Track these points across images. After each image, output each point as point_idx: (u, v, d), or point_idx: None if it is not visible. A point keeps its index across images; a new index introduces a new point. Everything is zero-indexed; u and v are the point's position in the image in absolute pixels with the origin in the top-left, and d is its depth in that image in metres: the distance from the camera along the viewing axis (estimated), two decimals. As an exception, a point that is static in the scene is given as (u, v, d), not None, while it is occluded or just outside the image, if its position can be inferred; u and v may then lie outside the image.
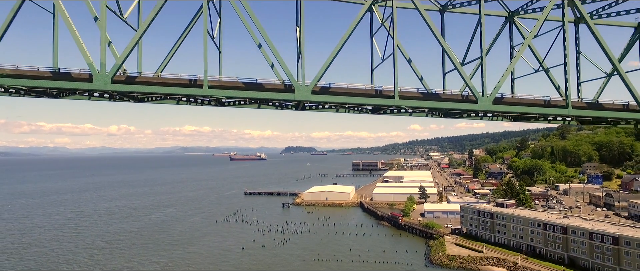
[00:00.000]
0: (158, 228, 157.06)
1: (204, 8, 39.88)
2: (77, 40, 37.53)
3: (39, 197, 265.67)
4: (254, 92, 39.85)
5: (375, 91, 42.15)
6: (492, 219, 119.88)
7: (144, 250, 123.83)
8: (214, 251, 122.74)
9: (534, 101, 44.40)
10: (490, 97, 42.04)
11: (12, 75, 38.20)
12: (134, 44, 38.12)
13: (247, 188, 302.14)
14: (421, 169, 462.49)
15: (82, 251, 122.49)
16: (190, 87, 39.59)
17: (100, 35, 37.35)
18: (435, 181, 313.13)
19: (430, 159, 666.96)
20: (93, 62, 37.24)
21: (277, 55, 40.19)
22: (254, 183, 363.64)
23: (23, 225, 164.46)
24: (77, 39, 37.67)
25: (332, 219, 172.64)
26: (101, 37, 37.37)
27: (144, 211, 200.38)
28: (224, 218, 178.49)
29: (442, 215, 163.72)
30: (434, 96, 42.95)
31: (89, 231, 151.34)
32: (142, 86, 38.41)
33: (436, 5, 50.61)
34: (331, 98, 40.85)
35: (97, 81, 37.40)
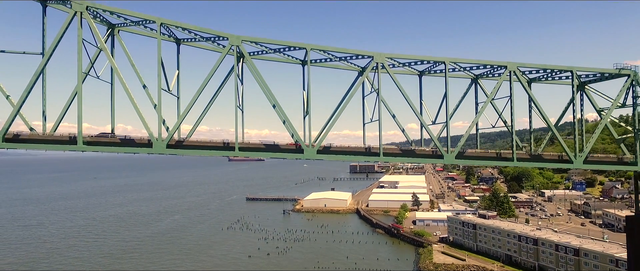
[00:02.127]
0: (168, 236, 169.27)
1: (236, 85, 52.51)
2: (141, 116, 50.03)
3: (48, 203, 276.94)
4: (272, 153, 52.56)
5: (365, 149, 54.95)
6: (475, 230, 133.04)
7: (160, 259, 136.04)
8: (224, 259, 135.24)
9: (487, 155, 57.28)
10: (454, 153, 54.78)
11: (91, 143, 50.61)
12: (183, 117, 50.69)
13: (248, 193, 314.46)
14: (416, 172, 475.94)
15: (102, 260, 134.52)
16: (224, 149, 52.18)
17: (157, 117, 49.80)
18: (429, 187, 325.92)
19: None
20: (153, 133, 49.79)
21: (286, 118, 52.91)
22: (254, 187, 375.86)
23: (39, 233, 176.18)
24: (140, 115, 50.18)
25: (330, 227, 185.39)
26: (158, 119, 49.81)
27: (152, 218, 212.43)
28: (229, 225, 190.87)
29: (432, 223, 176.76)
30: (410, 152, 55.77)
31: (104, 239, 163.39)
32: (190, 151, 50.99)
33: (415, 72, 63.38)
34: (332, 157, 53.62)
35: (156, 146, 49.90)
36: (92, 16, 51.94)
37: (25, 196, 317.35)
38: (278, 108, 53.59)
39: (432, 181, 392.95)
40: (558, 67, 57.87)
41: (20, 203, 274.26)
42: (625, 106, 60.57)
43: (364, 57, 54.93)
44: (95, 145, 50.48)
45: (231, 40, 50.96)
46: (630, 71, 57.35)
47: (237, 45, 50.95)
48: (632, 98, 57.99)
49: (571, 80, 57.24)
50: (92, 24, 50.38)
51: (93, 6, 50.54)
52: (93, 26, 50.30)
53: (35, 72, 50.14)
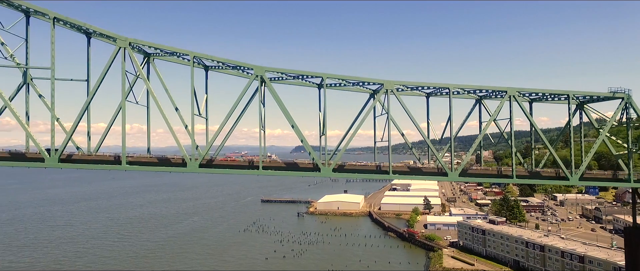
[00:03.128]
0: (189, 237, 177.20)
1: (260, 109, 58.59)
2: (175, 138, 56.44)
3: (72, 203, 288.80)
4: (292, 172, 58.53)
5: (376, 167, 60.50)
6: (484, 235, 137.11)
7: (184, 259, 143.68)
8: (242, 260, 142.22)
9: (490, 172, 62.18)
10: (457, 171, 59.83)
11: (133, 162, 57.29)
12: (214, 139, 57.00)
13: (263, 195, 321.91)
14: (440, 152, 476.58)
15: (129, 260, 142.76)
16: (250, 168, 58.32)
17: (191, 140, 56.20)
18: (441, 190, 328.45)
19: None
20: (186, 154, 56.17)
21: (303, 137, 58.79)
22: (268, 188, 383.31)
23: (68, 233, 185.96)
24: (175, 136, 56.56)
25: (343, 230, 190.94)
26: (192, 142, 56.23)
27: (172, 220, 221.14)
28: (246, 227, 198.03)
29: (443, 227, 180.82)
30: (417, 170, 61.08)
31: (129, 240, 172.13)
32: (220, 169, 57.29)
33: (423, 94, 68.55)
34: (346, 175, 59.29)
35: (190, 166, 56.24)
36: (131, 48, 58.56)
37: (50, 197, 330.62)
38: (296, 129, 59.58)
39: (444, 183, 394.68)
40: (556, 92, 62.43)
41: (46, 204, 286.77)
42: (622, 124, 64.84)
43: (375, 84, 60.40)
44: (137, 164, 57.15)
45: (256, 70, 57.03)
46: (624, 94, 61.48)
47: (261, 75, 57.01)
48: (626, 119, 62.17)
49: (568, 103, 61.72)
50: (133, 57, 57.02)
51: (135, 42, 57.18)
52: (134, 59, 56.93)
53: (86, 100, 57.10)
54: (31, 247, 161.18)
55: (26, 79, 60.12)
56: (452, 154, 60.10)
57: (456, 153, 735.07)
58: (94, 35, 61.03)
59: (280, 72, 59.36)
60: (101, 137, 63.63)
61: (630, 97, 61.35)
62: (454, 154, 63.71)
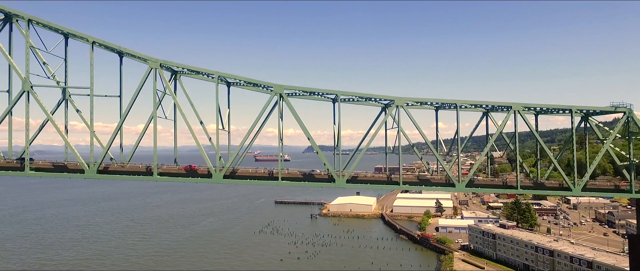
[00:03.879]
0: (206, 238, 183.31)
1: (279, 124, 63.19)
2: (201, 151, 61.43)
3: (93, 203, 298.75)
4: (309, 182, 62.99)
5: (387, 178, 64.55)
6: (494, 239, 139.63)
7: (204, 259, 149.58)
8: (259, 261, 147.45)
9: (495, 183, 65.67)
10: (464, 183, 63.50)
11: (163, 174, 62.48)
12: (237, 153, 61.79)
13: (276, 196, 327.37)
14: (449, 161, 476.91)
15: (151, 259, 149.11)
16: (270, 179, 62.98)
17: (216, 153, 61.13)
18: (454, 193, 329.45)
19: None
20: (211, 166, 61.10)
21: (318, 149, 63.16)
22: (281, 189, 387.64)
23: (92, 233, 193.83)
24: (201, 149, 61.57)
25: (356, 232, 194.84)
26: (216, 154, 61.15)
27: (189, 221, 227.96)
28: (261, 229, 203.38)
29: (455, 230, 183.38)
30: (426, 180, 64.94)
31: (151, 240, 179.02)
32: (243, 180, 62.06)
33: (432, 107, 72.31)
34: (359, 186, 63.53)
35: (215, 177, 61.18)
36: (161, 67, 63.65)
37: (72, 197, 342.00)
38: (312, 141, 64.07)
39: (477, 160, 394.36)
40: (559, 106, 65.54)
41: (68, 203, 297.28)
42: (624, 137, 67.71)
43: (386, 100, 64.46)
44: (167, 176, 62.34)
45: (276, 89, 61.68)
46: (626, 109, 64.32)
47: (280, 93, 61.62)
48: (628, 132, 65.01)
49: (571, 117, 64.84)
50: (163, 76, 62.17)
51: (165, 63, 62.36)
52: (165, 79, 62.07)
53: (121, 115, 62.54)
54: (59, 246, 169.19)
55: (65, 96, 65.94)
56: (459, 166, 63.69)
57: (470, 153, 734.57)
58: (126, 55, 66.46)
59: (298, 90, 63.83)
60: (133, 149, 69.22)
61: (632, 112, 64.16)
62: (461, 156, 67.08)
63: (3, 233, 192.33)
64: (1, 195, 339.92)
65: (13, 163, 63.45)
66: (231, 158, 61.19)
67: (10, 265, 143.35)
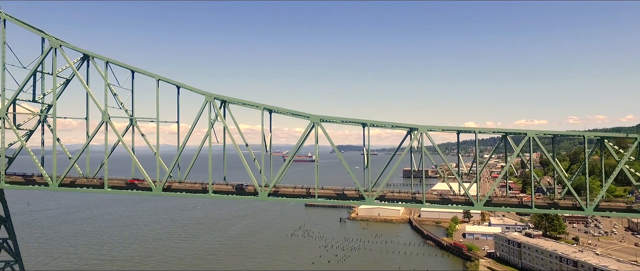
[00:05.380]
0: (242, 240, 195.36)
1: (316, 148, 72.11)
2: (249, 172, 71.14)
3: (135, 204, 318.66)
4: (342, 200, 71.56)
5: (412, 196, 72.23)
6: (520, 248, 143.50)
7: (241, 260, 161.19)
8: (292, 264, 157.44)
9: (511, 203, 71.92)
10: (482, 202, 70.20)
11: (217, 191, 72.70)
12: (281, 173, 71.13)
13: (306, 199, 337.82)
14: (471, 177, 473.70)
15: (194, 259, 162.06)
16: (307, 196, 71.99)
17: (262, 175, 70.70)
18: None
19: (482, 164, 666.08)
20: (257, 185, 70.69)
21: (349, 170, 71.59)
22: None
23: (137, 234, 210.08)
24: (248, 170, 71.30)
25: (384, 237, 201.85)
26: (263, 175, 70.71)
27: (225, 222, 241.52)
28: (292, 232, 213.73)
29: (482, 237, 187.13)
30: (446, 200, 72.10)
31: (191, 241, 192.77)
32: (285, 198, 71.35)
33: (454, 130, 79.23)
34: (387, 204, 71.43)
35: (261, 195, 70.68)
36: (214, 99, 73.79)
37: (115, 197, 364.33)
38: (344, 163, 72.65)
39: (486, 190, 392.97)
40: (573, 133, 71.15)
41: (112, 204, 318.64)
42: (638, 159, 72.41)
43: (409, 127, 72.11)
44: (219, 193, 72.56)
45: (312, 118, 70.60)
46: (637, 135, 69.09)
47: (317, 122, 70.48)
48: None
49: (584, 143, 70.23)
50: (218, 109, 72.32)
51: (218, 96, 72.50)
52: (219, 112, 72.19)
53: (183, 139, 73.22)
54: (109, 245, 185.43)
55: (133, 122, 77.43)
56: (478, 186, 70.39)
57: (502, 155, 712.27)
58: (183, 88, 77.18)
59: (333, 119, 72.51)
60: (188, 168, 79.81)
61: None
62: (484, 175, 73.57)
63: (61, 231, 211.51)
64: (55, 195, 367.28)
65: (93, 181, 75.43)
66: (275, 178, 70.57)
67: (74, 261, 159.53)
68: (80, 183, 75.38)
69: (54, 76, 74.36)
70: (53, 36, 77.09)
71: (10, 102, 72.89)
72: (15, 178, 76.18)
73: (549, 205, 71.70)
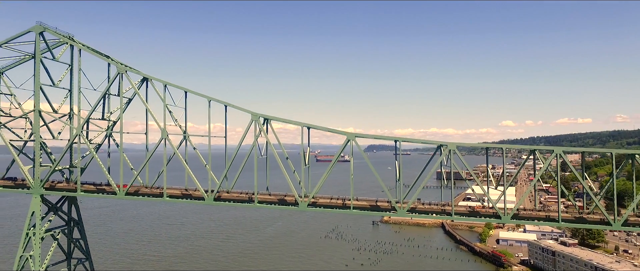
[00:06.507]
0: (278, 241, 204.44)
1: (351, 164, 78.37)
2: (290, 184, 78.34)
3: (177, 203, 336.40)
4: (376, 211, 77.43)
5: (441, 209, 77.03)
6: (554, 256, 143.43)
7: (279, 260, 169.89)
8: (327, 265, 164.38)
9: (537, 215, 75.09)
10: (510, 215, 73.94)
11: (262, 201, 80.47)
12: (320, 185, 77.91)
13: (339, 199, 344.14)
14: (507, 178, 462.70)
15: (236, 258, 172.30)
16: (343, 208, 78.35)
17: (303, 187, 77.69)
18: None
19: (519, 165, 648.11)
20: (297, 195, 77.73)
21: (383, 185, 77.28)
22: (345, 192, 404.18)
23: (183, 232, 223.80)
24: (289, 183, 78.53)
25: (416, 241, 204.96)
26: (304, 188, 77.73)
27: (262, 223, 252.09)
28: (326, 234, 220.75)
29: (516, 244, 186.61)
30: (474, 212, 76.32)
31: (231, 240, 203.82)
32: (323, 209, 78.04)
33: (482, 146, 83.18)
34: (417, 216, 76.66)
35: (301, 205, 77.70)
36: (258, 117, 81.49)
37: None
38: (377, 177, 78.44)
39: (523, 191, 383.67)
40: (600, 151, 73.41)
41: (155, 203, 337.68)
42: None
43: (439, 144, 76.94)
44: (263, 203, 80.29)
45: (348, 136, 76.89)
46: (666, 154, 70.57)
47: (352, 138, 76.70)
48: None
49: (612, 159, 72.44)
50: (262, 128, 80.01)
51: (263, 115, 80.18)
52: (263, 129, 79.87)
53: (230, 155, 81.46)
54: (158, 243, 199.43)
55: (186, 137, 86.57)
56: (505, 200, 74.14)
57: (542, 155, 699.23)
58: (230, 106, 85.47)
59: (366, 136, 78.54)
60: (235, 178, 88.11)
61: (672, 155, 70.29)
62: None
63: (112, 230, 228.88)
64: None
65: (154, 190, 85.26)
66: (314, 190, 77.49)
67: (126, 258, 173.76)
68: (142, 192, 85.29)
69: (120, 97, 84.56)
70: (118, 61, 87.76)
71: (85, 120, 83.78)
72: (88, 187, 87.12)
73: (577, 219, 74.35)
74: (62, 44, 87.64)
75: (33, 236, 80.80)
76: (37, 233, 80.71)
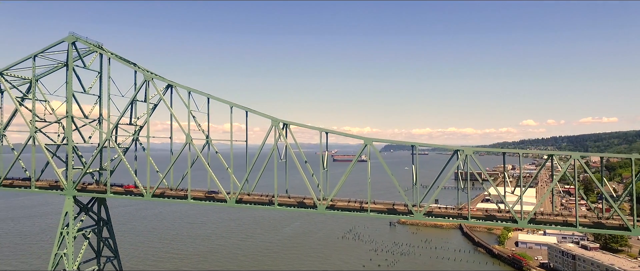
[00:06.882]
0: (296, 241, 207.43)
1: (369, 169, 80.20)
2: (309, 188, 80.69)
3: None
4: (393, 215, 79.07)
5: (458, 213, 78.06)
6: (574, 260, 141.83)
7: (298, 260, 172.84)
8: (344, 265, 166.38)
9: (555, 220, 75.34)
10: (526, 220, 74.47)
11: (281, 204, 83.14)
12: (338, 189, 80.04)
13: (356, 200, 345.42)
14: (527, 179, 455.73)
15: (256, 257, 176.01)
16: (359, 211, 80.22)
17: (322, 190, 79.98)
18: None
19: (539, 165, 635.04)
20: (316, 198, 80.00)
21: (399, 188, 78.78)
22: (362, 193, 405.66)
23: (203, 231, 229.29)
24: (309, 187, 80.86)
25: (433, 242, 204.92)
26: (322, 191, 79.98)
27: (280, 223, 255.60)
28: (343, 234, 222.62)
29: (535, 246, 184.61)
30: (491, 216, 77.13)
31: (250, 240, 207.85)
32: (341, 212, 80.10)
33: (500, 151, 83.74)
34: (434, 219, 77.97)
35: (319, 208, 79.94)
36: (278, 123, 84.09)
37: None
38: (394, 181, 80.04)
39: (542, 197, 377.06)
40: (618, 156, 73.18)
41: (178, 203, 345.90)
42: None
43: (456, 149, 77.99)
44: (283, 206, 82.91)
45: (365, 140, 78.77)
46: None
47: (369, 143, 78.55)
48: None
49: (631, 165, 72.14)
50: (280, 130, 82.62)
51: (283, 121, 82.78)
52: (282, 132, 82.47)
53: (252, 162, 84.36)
54: (178, 241, 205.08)
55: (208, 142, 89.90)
56: (522, 205, 74.67)
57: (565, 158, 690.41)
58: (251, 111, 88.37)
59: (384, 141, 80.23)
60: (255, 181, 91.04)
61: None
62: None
63: (136, 228, 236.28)
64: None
65: (179, 192, 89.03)
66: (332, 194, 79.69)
67: (150, 256, 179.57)
68: (168, 194, 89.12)
69: (147, 103, 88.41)
70: (145, 69, 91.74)
71: (114, 126, 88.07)
72: (117, 189, 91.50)
73: (595, 224, 74.35)
74: (92, 52, 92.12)
75: (67, 235, 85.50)
76: (70, 232, 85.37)
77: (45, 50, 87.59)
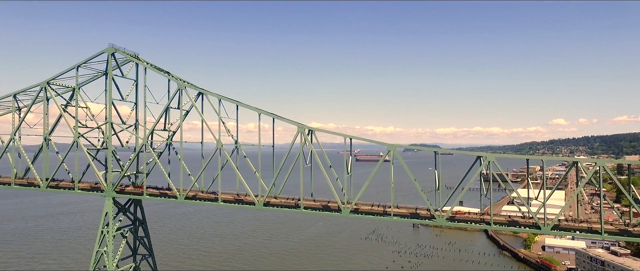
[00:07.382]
0: (319, 241, 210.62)
1: (392, 175, 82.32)
2: (334, 192, 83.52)
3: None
4: (415, 219, 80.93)
5: (480, 218, 79.13)
6: (603, 266, 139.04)
7: (322, 260, 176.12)
8: (368, 266, 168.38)
9: (579, 227, 75.33)
10: (550, 226, 74.92)
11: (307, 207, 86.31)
12: (360, 195, 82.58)
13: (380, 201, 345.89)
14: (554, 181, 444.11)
15: (280, 257, 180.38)
16: (383, 215, 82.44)
17: (345, 194, 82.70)
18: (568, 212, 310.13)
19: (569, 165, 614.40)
20: (340, 202, 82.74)
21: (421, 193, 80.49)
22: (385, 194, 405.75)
23: (229, 230, 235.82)
24: (333, 191, 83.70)
25: (457, 245, 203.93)
26: (345, 195, 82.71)
27: (302, 224, 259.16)
28: (366, 235, 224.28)
29: (563, 251, 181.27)
30: (514, 222, 77.83)
31: (275, 239, 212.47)
32: (365, 216, 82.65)
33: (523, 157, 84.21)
34: (455, 224, 79.34)
35: (343, 212, 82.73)
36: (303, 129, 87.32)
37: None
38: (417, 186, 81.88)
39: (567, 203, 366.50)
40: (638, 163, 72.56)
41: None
42: None
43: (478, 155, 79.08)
44: (309, 209, 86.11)
45: (389, 147, 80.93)
46: None
47: (393, 149, 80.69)
48: None
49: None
50: (306, 136, 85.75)
51: (309, 127, 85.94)
52: (307, 138, 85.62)
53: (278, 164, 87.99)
54: (206, 239, 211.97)
55: (237, 147, 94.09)
56: (545, 211, 75.10)
57: (596, 156, 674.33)
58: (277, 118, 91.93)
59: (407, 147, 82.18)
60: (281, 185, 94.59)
61: None
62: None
63: (166, 226, 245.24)
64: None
65: (211, 195, 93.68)
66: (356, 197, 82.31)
67: (181, 254, 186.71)
68: (200, 196, 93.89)
69: (180, 110, 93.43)
70: (178, 77, 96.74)
71: (150, 132, 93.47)
72: (152, 191, 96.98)
73: (620, 232, 74.00)
74: (129, 62, 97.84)
75: (107, 234, 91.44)
76: (110, 231, 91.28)
77: (87, 61, 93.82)
